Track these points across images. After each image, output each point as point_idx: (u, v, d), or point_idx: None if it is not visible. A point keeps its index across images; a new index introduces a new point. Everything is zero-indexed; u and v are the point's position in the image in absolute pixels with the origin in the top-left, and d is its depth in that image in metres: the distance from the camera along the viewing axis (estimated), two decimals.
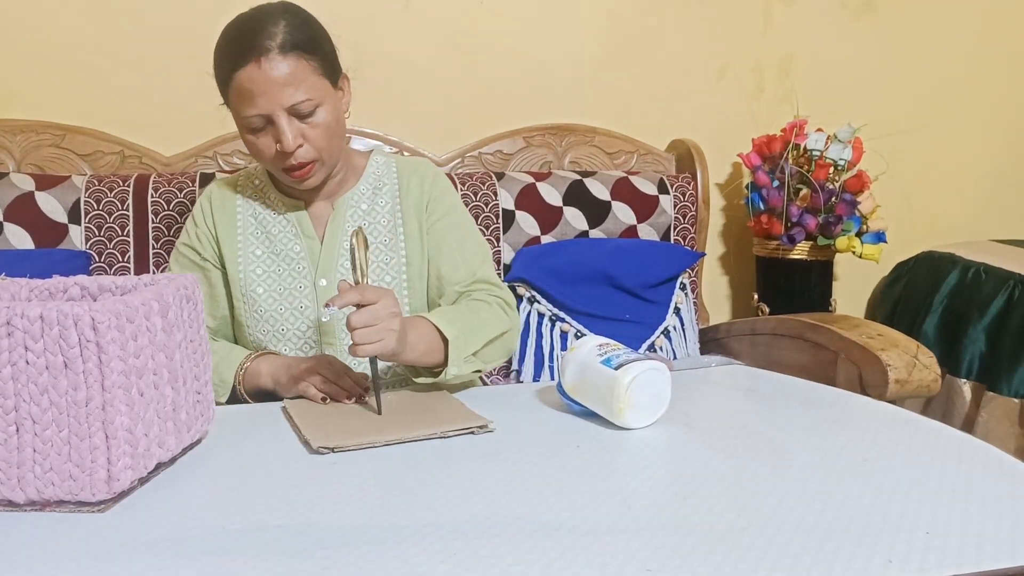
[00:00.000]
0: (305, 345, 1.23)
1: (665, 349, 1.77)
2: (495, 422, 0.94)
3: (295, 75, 1.10)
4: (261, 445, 0.91)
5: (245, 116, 1.12)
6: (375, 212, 1.26)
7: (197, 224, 1.27)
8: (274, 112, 1.10)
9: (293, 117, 1.11)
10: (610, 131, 1.99)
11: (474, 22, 1.98)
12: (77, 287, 0.88)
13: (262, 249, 1.24)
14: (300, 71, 1.10)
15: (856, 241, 2.00)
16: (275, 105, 1.10)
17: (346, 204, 1.25)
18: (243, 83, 1.10)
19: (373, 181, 1.28)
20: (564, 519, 0.69)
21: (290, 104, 1.10)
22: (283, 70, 1.09)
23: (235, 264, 1.24)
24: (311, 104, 1.12)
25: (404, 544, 0.65)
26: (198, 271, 1.25)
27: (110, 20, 1.79)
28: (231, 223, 1.26)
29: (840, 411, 1.01)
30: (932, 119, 2.31)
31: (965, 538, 0.65)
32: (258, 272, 1.24)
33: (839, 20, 2.23)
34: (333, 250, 1.23)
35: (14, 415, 0.72)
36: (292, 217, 1.25)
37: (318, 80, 1.13)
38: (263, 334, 1.23)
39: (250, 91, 1.09)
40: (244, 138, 1.17)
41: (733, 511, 0.70)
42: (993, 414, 1.87)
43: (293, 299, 1.22)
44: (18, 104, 1.76)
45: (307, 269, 1.23)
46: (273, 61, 1.08)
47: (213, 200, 1.28)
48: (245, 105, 1.11)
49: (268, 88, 1.09)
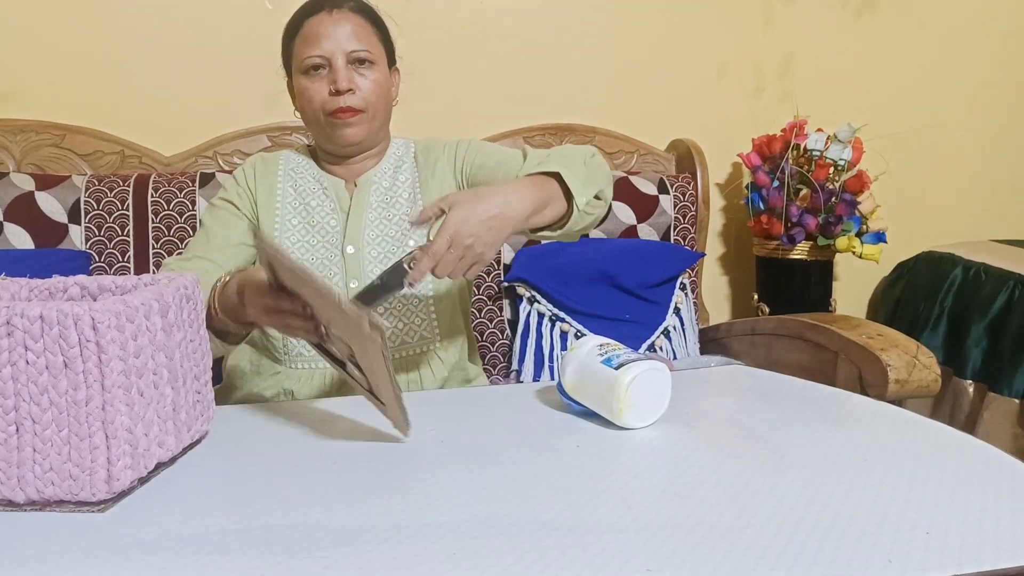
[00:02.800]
0: None
1: (665, 349, 1.77)
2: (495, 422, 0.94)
3: (360, 30, 1.22)
4: (261, 445, 0.91)
5: (307, 56, 1.20)
6: (395, 189, 1.30)
7: (239, 184, 1.30)
8: (334, 54, 1.19)
9: (350, 65, 1.20)
10: (610, 131, 1.99)
11: (474, 22, 1.98)
12: (77, 287, 0.88)
13: (298, 219, 1.27)
14: (364, 30, 1.22)
15: (856, 241, 2.00)
16: (336, 48, 1.19)
17: (370, 181, 1.30)
18: (312, 26, 1.21)
19: (394, 161, 1.33)
20: (564, 519, 0.69)
21: (350, 50, 1.20)
22: (350, 22, 1.21)
23: (271, 231, 1.27)
24: (369, 56, 1.21)
25: (404, 544, 0.65)
26: (235, 220, 1.26)
27: (110, 20, 1.79)
28: (271, 192, 1.29)
29: (840, 411, 1.01)
30: (932, 119, 2.32)
31: (965, 538, 0.65)
32: (292, 240, 1.26)
33: (839, 20, 2.23)
34: (359, 220, 1.26)
35: (14, 415, 0.72)
36: (331, 192, 1.29)
37: (378, 45, 1.24)
38: None
39: (316, 34, 1.20)
40: (298, 84, 1.23)
41: (733, 511, 0.70)
42: (994, 415, 1.87)
43: (323, 267, 1.24)
44: (18, 104, 1.76)
45: (338, 240, 1.26)
46: (344, 13, 1.22)
47: (256, 167, 1.31)
48: (309, 47, 1.20)
49: (333, 33, 1.20)
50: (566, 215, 1.09)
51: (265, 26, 1.86)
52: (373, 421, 1.00)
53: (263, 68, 1.84)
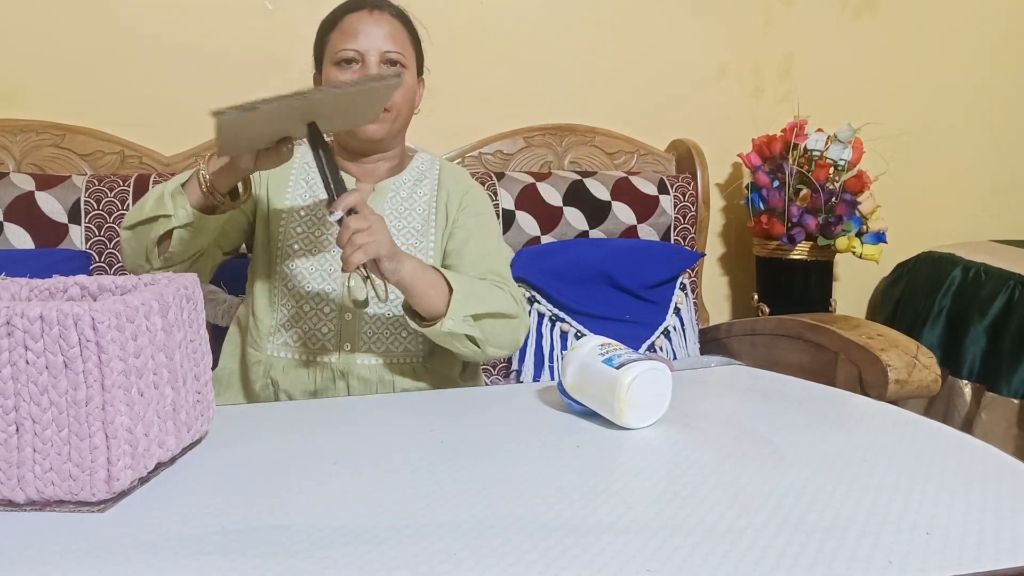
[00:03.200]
0: (326, 307, 1.24)
1: (665, 349, 1.77)
2: (495, 422, 0.94)
3: (396, 33, 1.25)
4: (261, 445, 0.91)
5: (342, 48, 1.23)
6: (413, 201, 1.32)
7: None
8: (369, 51, 1.22)
9: (382, 65, 1.23)
10: (610, 131, 1.99)
11: (474, 22, 1.98)
12: (77, 287, 0.88)
13: (307, 211, 1.28)
14: (401, 34, 1.26)
15: (856, 241, 2.00)
16: (372, 46, 1.22)
17: (387, 188, 1.31)
18: (351, 22, 1.24)
19: (416, 174, 1.34)
20: (564, 519, 0.69)
21: (385, 50, 1.23)
22: (388, 24, 1.25)
23: (277, 220, 1.28)
24: (402, 59, 1.25)
25: (404, 544, 0.65)
26: None
27: (110, 20, 1.79)
28: (283, 182, 1.31)
29: (840, 411, 1.01)
30: (932, 119, 2.32)
31: (965, 538, 0.65)
32: (298, 231, 1.27)
33: (839, 20, 2.23)
34: None
35: (14, 415, 0.72)
36: None
37: (411, 52, 1.27)
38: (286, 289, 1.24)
39: (355, 29, 1.23)
40: (327, 75, 1.25)
41: (733, 511, 0.70)
42: (993, 415, 1.87)
43: (325, 261, 1.26)
44: (18, 104, 1.76)
45: None
46: (384, 15, 1.25)
47: None
48: (345, 39, 1.23)
49: (371, 31, 1.23)
50: (430, 322, 1.15)
51: (265, 26, 1.86)
52: (373, 421, 1.00)
53: (263, 68, 1.84)
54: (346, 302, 1.23)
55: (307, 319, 1.24)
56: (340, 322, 1.23)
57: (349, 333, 1.23)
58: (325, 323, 1.23)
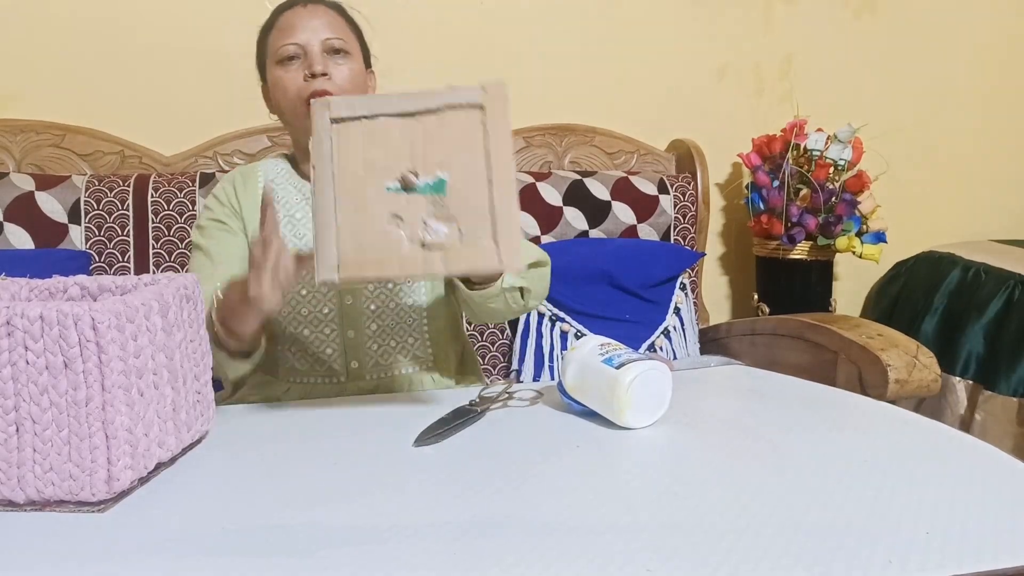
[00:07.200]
0: (326, 328, 1.22)
1: (665, 349, 1.77)
2: (495, 423, 0.94)
3: (334, 21, 1.24)
4: (261, 445, 0.91)
5: (281, 45, 1.21)
6: None
7: (222, 203, 1.27)
8: (309, 42, 1.20)
9: (325, 54, 1.21)
10: (610, 131, 1.99)
11: (473, 22, 1.98)
12: (77, 287, 0.88)
13: (285, 231, 1.24)
14: (338, 22, 1.24)
15: (856, 241, 2.00)
16: (311, 36, 1.21)
17: None
18: (287, 19, 1.23)
19: None
20: (564, 519, 0.69)
21: (325, 37, 1.21)
22: (325, 14, 1.23)
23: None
24: (344, 46, 1.22)
25: (404, 544, 0.65)
26: (229, 237, 1.24)
27: (110, 21, 1.79)
28: (254, 205, 1.26)
29: (840, 411, 1.01)
30: (932, 119, 2.32)
31: (965, 538, 0.65)
32: None
33: (839, 20, 2.23)
34: None
35: (14, 415, 0.72)
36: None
37: (352, 39, 1.25)
38: (282, 317, 1.21)
39: (291, 25, 1.22)
40: (272, 77, 1.23)
41: (733, 511, 0.70)
42: (991, 413, 1.87)
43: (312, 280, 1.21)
44: (18, 104, 1.76)
45: None
46: (318, 7, 1.24)
47: (236, 183, 1.29)
48: (283, 36, 1.21)
49: (308, 23, 1.21)
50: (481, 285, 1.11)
51: None
52: (373, 421, 1.00)
53: None
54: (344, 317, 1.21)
55: (310, 344, 1.22)
56: (343, 341, 1.22)
57: (354, 351, 1.22)
58: (328, 345, 1.21)
